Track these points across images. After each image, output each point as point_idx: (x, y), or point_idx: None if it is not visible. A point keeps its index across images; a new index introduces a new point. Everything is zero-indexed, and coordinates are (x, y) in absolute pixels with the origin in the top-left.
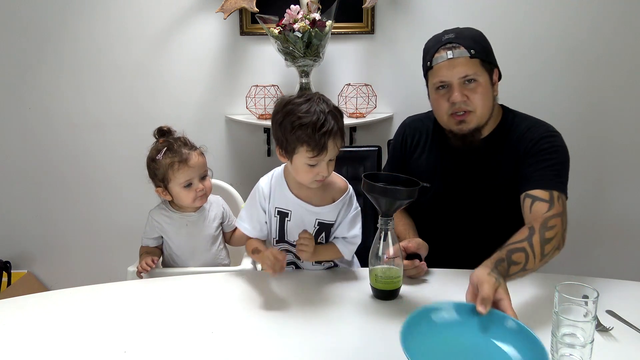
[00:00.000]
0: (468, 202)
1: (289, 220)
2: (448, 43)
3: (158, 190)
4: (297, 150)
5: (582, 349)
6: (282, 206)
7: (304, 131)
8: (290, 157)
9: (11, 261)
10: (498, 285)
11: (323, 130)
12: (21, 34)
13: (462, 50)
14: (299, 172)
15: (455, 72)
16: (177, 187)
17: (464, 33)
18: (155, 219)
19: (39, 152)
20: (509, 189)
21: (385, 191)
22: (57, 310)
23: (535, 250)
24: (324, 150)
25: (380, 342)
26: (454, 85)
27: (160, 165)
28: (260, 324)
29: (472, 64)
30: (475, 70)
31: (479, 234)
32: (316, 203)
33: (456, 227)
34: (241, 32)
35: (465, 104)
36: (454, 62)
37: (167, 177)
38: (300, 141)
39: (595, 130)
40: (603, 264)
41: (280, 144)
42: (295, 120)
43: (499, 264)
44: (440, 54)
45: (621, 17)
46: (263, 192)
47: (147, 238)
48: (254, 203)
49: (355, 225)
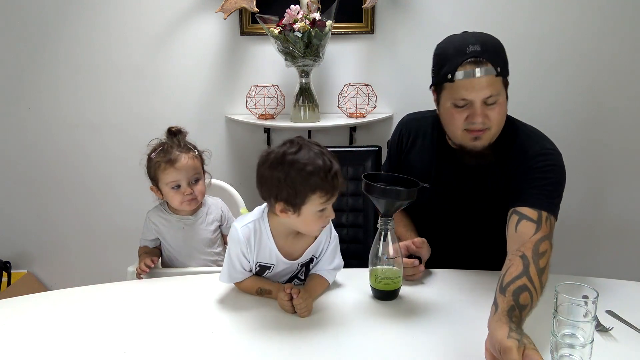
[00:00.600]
0: (461, 205)
1: (270, 272)
2: (474, 57)
3: (152, 188)
4: (307, 200)
5: (582, 349)
6: (265, 261)
7: (315, 178)
8: (298, 210)
9: (11, 261)
10: (523, 348)
11: (333, 170)
12: (20, 35)
13: (489, 67)
14: (308, 223)
15: (481, 94)
16: (165, 187)
17: (488, 45)
18: (152, 220)
19: (39, 152)
20: (500, 198)
21: (384, 192)
22: (57, 310)
23: (535, 284)
24: (336, 190)
25: (380, 342)
26: (477, 105)
27: (151, 164)
28: (260, 324)
29: (496, 83)
30: (499, 90)
31: (473, 236)
32: (297, 254)
33: (451, 229)
34: (241, 32)
35: (483, 124)
36: (481, 81)
37: (157, 176)
38: (313, 189)
39: (595, 131)
40: (603, 264)
41: (286, 200)
42: (302, 170)
43: (512, 315)
44: (465, 69)
45: (623, 19)
46: (246, 245)
47: (145, 239)
48: (237, 255)
49: (336, 256)
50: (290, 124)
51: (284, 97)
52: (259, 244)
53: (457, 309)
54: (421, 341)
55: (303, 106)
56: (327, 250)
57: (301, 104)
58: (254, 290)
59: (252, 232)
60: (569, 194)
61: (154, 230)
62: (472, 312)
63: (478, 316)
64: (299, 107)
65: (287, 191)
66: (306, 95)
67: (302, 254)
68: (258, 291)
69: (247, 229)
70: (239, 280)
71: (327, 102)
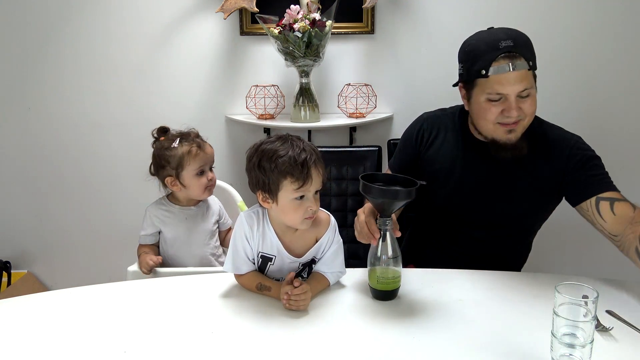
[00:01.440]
0: (484, 199)
1: (272, 265)
2: (508, 51)
3: (168, 180)
4: (281, 186)
5: (582, 349)
6: (267, 251)
7: (284, 163)
8: (275, 198)
9: (11, 261)
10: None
11: (303, 157)
12: (21, 34)
13: (522, 62)
14: (287, 212)
15: (516, 87)
16: (189, 175)
17: (520, 40)
18: (154, 213)
19: (39, 152)
20: (531, 193)
21: (383, 192)
22: (57, 310)
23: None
24: (309, 179)
25: (380, 342)
26: (512, 99)
27: (175, 153)
28: (260, 324)
29: (529, 77)
30: (532, 84)
31: (491, 232)
32: (299, 250)
33: (469, 224)
34: (241, 32)
35: (518, 116)
36: (516, 76)
37: (182, 163)
38: (283, 174)
39: (595, 130)
40: (603, 264)
41: (262, 187)
42: (272, 155)
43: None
44: (500, 64)
45: (622, 17)
46: (249, 229)
47: (146, 235)
48: (241, 239)
49: (337, 261)
50: (290, 124)
51: (284, 97)
52: (262, 232)
53: (457, 309)
54: (421, 341)
55: (303, 106)
56: (327, 252)
57: (301, 104)
58: (253, 285)
59: (254, 218)
60: None
61: (155, 223)
62: (472, 312)
63: (478, 316)
64: (299, 107)
65: (262, 178)
66: (306, 95)
67: (305, 252)
68: (258, 286)
69: (250, 215)
70: (242, 272)
71: (327, 102)
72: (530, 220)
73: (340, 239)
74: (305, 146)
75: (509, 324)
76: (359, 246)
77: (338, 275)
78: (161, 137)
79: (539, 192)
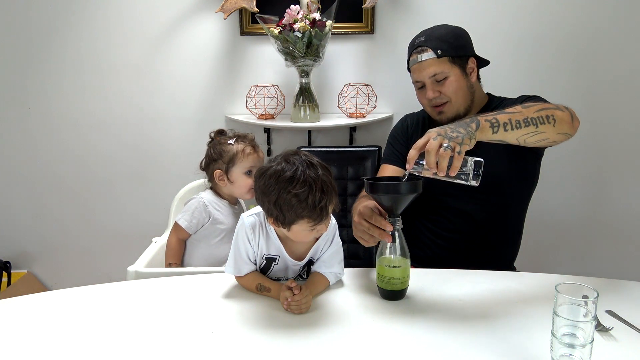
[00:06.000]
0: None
1: (276, 264)
2: (418, 47)
3: (217, 173)
4: (296, 222)
5: (582, 349)
6: (271, 253)
7: (303, 208)
8: (287, 227)
9: (11, 261)
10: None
11: (323, 202)
12: (21, 35)
13: (429, 52)
14: (298, 237)
15: (425, 73)
16: (239, 172)
17: (432, 34)
18: (210, 198)
19: (39, 152)
20: (501, 151)
21: (388, 188)
22: (57, 310)
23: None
24: (325, 217)
25: (380, 342)
26: (427, 84)
27: (230, 149)
28: (260, 324)
29: (439, 63)
30: (443, 68)
31: (478, 203)
32: (300, 252)
33: (452, 195)
34: (241, 32)
35: (440, 98)
36: (423, 64)
37: (234, 160)
38: (301, 217)
39: (595, 130)
40: (603, 264)
41: (276, 218)
42: (291, 199)
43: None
44: (412, 58)
45: (621, 15)
46: (251, 232)
47: (191, 225)
48: (243, 241)
49: (335, 262)
50: (290, 124)
51: (284, 97)
52: (266, 235)
53: (457, 309)
54: (421, 341)
55: (303, 106)
56: (326, 253)
57: (301, 104)
58: (253, 285)
59: (257, 222)
60: (568, 194)
61: (209, 210)
62: (472, 312)
63: (478, 316)
64: (299, 107)
65: (277, 214)
66: (306, 95)
67: (306, 255)
68: (258, 287)
69: (253, 218)
70: (244, 273)
71: (327, 102)
72: (512, 184)
73: (339, 241)
74: (323, 183)
75: (509, 324)
76: (359, 246)
77: (337, 276)
78: (217, 137)
79: (504, 147)
